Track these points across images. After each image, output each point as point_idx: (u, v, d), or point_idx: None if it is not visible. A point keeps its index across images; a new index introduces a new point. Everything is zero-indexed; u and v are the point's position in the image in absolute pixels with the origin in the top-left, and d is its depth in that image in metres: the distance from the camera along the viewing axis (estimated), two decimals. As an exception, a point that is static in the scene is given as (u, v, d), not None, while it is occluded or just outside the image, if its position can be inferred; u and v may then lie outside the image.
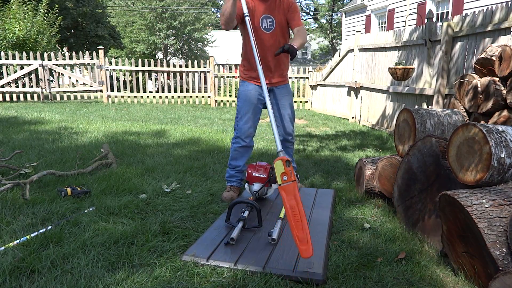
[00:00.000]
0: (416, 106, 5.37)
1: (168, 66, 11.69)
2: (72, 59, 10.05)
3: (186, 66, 10.68)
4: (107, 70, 10.14)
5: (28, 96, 9.73)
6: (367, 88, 6.96)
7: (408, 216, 2.32)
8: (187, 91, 12.06)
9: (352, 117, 7.60)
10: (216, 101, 10.68)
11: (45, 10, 11.18)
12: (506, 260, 1.51)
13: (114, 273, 1.73)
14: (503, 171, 1.79)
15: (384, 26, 13.29)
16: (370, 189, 2.86)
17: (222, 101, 10.73)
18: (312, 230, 2.15)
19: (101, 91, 10.29)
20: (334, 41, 29.96)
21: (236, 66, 10.07)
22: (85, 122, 6.18)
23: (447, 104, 3.11)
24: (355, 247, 2.07)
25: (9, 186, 2.64)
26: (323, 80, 9.27)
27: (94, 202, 2.57)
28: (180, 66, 10.84)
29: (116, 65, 10.31)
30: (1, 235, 2.05)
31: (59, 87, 10.15)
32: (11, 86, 9.58)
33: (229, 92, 10.84)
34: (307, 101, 10.45)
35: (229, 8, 2.49)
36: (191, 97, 10.80)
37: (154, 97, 10.56)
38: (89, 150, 4.01)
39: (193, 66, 10.54)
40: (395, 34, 6.07)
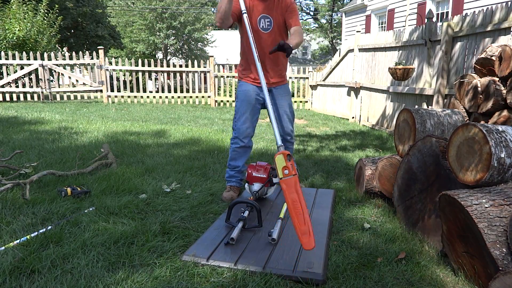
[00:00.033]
0: (416, 106, 5.37)
1: (168, 66, 11.68)
2: (72, 59, 10.05)
3: (186, 66, 10.68)
4: (107, 70, 10.14)
5: (28, 96, 9.73)
6: (367, 88, 6.96)
7: (408, 216, 2.33)
8: (187, 91, 12.05)
9: (352, 117, 7.60)
10: (216, 101, 10.68)
11: (45, 10, 11.17)
12: (506, 260, 1.51)
13: (114, 273, 1.73)
14: (503, 171, 1.79)
15: (384, 26, 13.29)
16: (370, 189, 2.86)
17: (222, 101, 10.73)
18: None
19: (101, 91, 10.30)
20: (334, 41, 29.95)
21: (236, 66, 10.06)
22: (85, 122, 6.18)
23: (447, 104, 3.11)
24: (355, 247, 2.07)
25: (9, 186, 2.64)
26: (323, 80, 9.26)
27: (94, 202, 2.57)
28: (180, 66, 10.84)
29: (116, 65, 10.31)
30: (1, 235, 2.05)
31: (59, 87, 10.15)
32: (11, 86, 9.58)
33: (229, 92, 10.84)
34: (307, 101, 10.45)
35: (225, 5, 2.47)
36: (191, 97, 10.80)
37: (154, 97, 10.56)
38: (89, 150, 4.01)
39: (193, 66, 10.54)
40: (395, 34, 6.07)
